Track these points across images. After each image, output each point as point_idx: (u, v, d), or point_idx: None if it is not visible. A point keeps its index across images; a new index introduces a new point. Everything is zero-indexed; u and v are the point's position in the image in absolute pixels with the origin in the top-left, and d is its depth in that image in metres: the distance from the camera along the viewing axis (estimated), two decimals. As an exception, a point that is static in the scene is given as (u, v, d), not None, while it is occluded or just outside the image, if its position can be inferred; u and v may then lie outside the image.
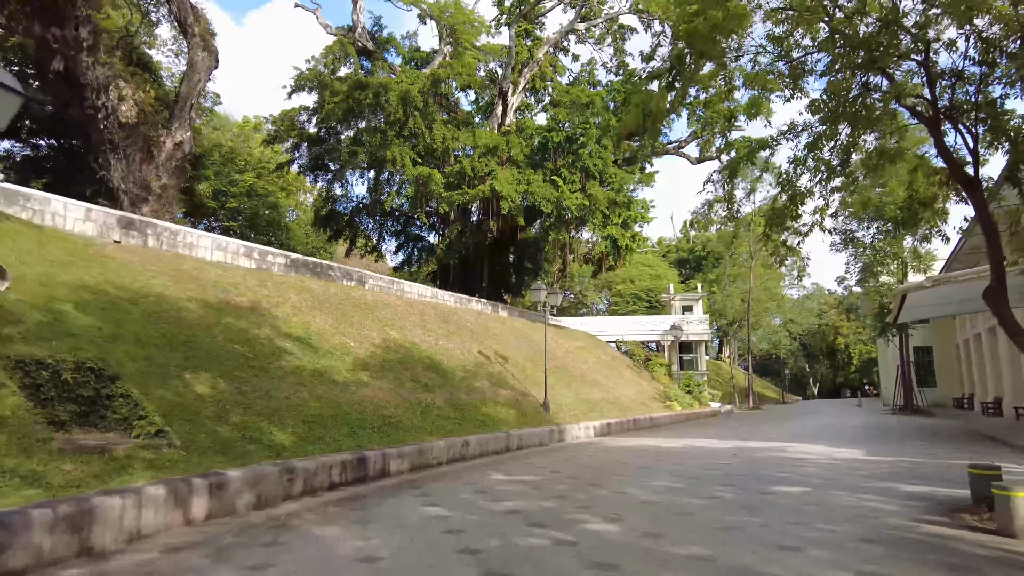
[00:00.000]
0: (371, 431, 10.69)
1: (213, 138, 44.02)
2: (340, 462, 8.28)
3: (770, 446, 13.37)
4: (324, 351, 13.37)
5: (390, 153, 24.67)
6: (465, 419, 13.52)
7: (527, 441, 13.58)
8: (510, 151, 25.71)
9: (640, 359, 34.17)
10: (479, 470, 9.86)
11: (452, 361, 17.19)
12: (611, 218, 25.38)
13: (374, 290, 20.24)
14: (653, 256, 67.16)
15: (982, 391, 30.28)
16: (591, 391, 22.04)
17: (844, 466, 9.51)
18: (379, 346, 15.43)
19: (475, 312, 24.12)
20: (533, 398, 17.60)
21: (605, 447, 13.86)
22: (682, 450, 12.65)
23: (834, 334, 79.35)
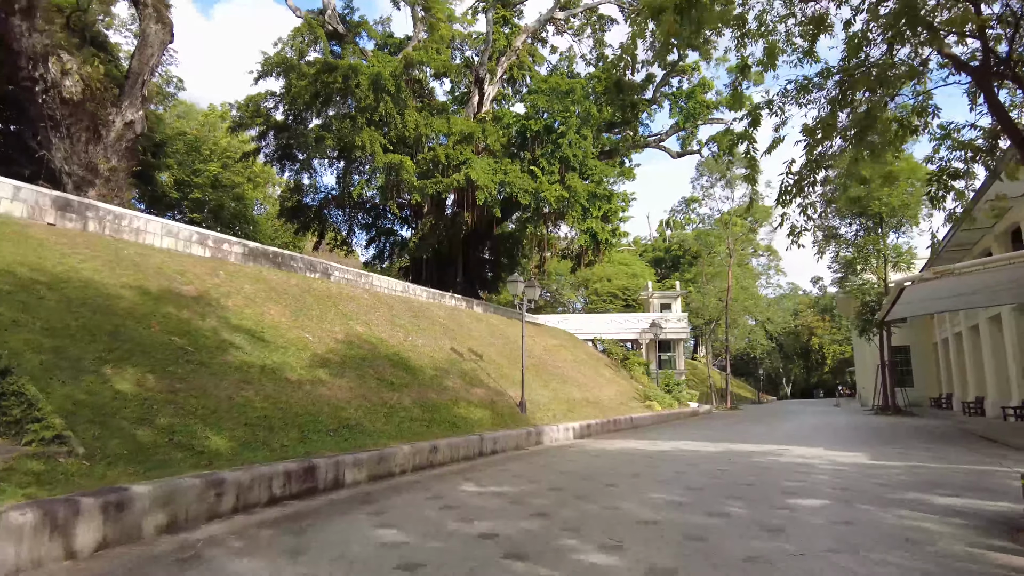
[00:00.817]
0: (326, 435, 9.45)
1: (177, 126, 42.10)
2: (283, 472, 7.05)
3: (764, 449, 12.41)
4: (277, 346, 12.08)
5: (359, 139, 23.33)
6: (435, 421, 12.33)
7: (502, 444, 12.44)
8: (486, 139, 24.53)
9: (618, 358, 33.26)
10: (448, 479, 8.69)
11: (422, 358, 15.98)
12: (591, 211, 24.35)
13: (340, 283, 18.94)
14: (630, 255, 66.51)
15: (961, 391, 29.96)
16: (570, 390, 20.98)
17: (855, 473, 8.54)
18: (341, 341, 14.16)
19: (449, 308, 22.92)
20: (509, 398, 16.47)
21: (587, 451, 12.78)
22: (672, 454, 11.62)
23: (808, 334, 79.63)
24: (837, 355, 78.11)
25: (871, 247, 27.08)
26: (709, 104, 27.03)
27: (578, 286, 57.89)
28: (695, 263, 58.12)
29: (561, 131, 24.03)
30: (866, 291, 29.25)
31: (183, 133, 39.98)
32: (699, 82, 27.25)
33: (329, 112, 27.77)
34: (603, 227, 24.86)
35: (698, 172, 42.73)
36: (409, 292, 22.14)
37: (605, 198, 24.79)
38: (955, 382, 30.75)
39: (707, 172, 42.49)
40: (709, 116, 27.55)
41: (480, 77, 28.00)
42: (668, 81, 28.03)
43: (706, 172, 42.59)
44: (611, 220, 25.58)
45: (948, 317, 30.53)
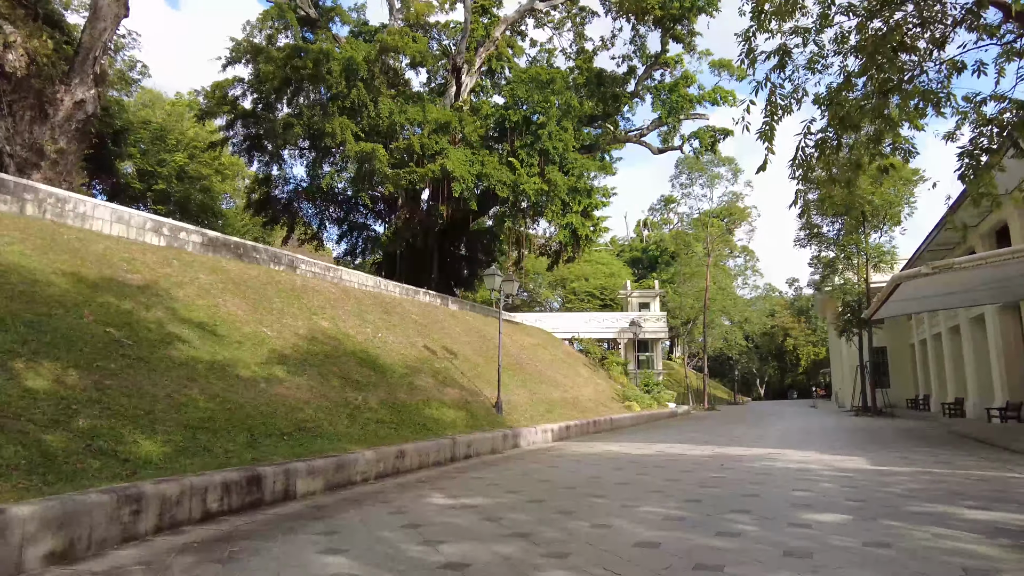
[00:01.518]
0: (279, 439, 8.45)
1: (143, 115, 40.43)
2: (220, 483, 6.06)
3: (756, 453, 11.68)
4: (231, 340, 11.03)
5: (330, 126, 22.24)
6: (403, 423, 11.38)
7: (477, 448, 11.53)
8: (463, 129, 23.58)
9: (596, 357, 32.56)
10: (415, 489, 7.76)
11: (392, 356, 15.00)
12: (571, 206, 23.55)
13: (306, 276, 17.87)
14: (607, 254, 66.06)
15: (939, 392, 29.77)
16: (548, 390, 20.14)
17: (864, 481, 7.80)
18: (304, 337, 13.13)
19: (422, 304, 21.94)
20: (485, 398, 15.56)
21: (568, 455, 11.93)
22: (658, 459, 10.81)
23: (783, 335, 79.96)
24: (811, 356, 78.59)
25: (853, 246, 26.70)
26: (692, 98, 26.41)
27: (555, 285, 57.21)
28: (673, 263, 57.78)
29: (541, 122, 23.19)
30: (847, 291, 28.91)
31: (147, 122, 38.33)
32: (682, 75, 26.64)
33: (299, 100, 26.60)
34: (583, 222, 24.07)
35: (678, 170, 42.25)
36: (381, 287, 21.12)
37: (585, 192, 24.01)
38: (933, 383, 30.56)
39: (687, 170, 42.01)
40: (692, 111, 26.94)
41: (458, 66, 27.05)
42: (651, 74, 27.39)
43: (686, 170, 42.11)
44: (591, 215, 24.80)
45: (927, 318, 30.34)
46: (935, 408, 29.99)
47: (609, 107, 26.91)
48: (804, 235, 29.23)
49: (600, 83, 26.40)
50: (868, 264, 27.20)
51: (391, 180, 22.07)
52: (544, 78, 24.11)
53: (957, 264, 11.95)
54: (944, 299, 17.69)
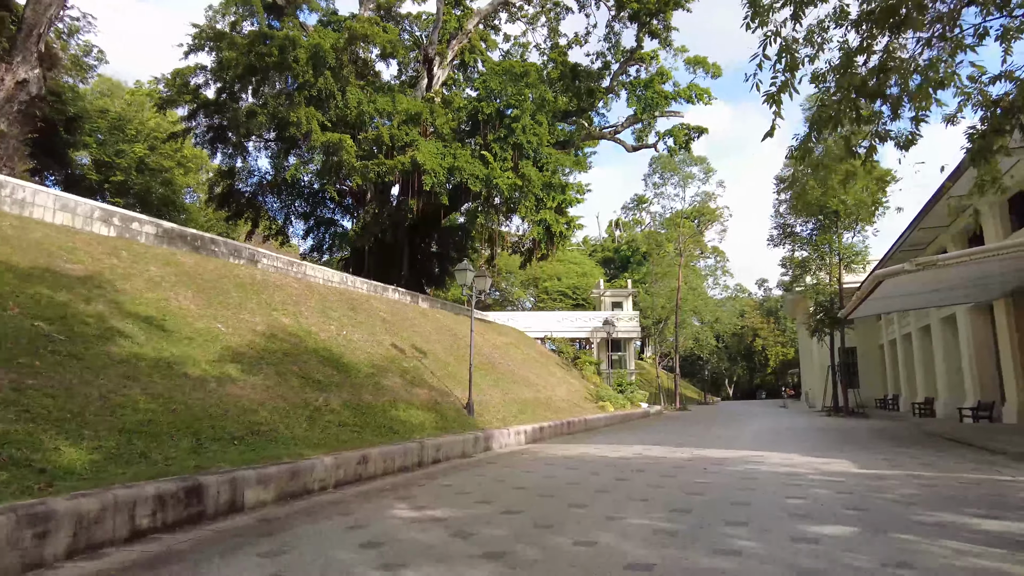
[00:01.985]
0: (228, 444, 7.71)
1: (100, 104, 38.74)
2: (153, 496, 5.32)
3: (738, 456, 11.23)
4: (181, 336, 10.20)
5: (295, 115, 21.32)
6: (368, 426, 10.67)
7: (447, 452, 10.87)
8: (434, 121, 22.86)
9: (569, 356, 32.13)
10: (378, 498, 7.09)
11: (357, 354, 14.26)
12: (545, 201, 22.99)
13: (268, 271, 17.01)
14: (580, 254, 65.82)
15: (910, 391, 29.99)
16: (521, 390, 19.56)
17: (856, 485, 7.37)
18: (262, 333, 12.33)
19: (391, 301, 21.18)
20: (455, 398, 14.90)
21: (543, 458, 11.35)
22: (637, 462, 10.29)
23: (752, 336, 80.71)
24: (780, 357, 79.43)
25: (826, 246, 26.66)
26: (667, 95, 26.08)
27: (528, 284, 56.71)
28: (645, 263, 57.73)
29: (515, 115, 22.58)
30: (820, 291, 28.91)
31: (105, 110, 36.69)
32: (657, 71, 26.30)
33: (264, 90, 25.56)
34: (557, 219, 23.53)
35: (651, 169, 42.07)
36: (347, 284, 20.31)
37: (559, 188, 23.47)
38: (902, 383, 30.78)
39: (660, 169, 41.85)
40: (667, 108, 26.61)
41: (429, 57, 26.31)
42: (626, 70, 27.00)
43: (659, 169, 41.95)
44: (565, 212, 24.28)
45: (897, 318, 30.55)
46: (904, 408, 30.21)
47: (584, 102, 26.44)
48: (777, 234, 29.18)
49: (575, 77, 25.94)
50: (841, 264, 27.19)
51: (359, 172, 21.24)
52: (518, 70, 23.52)
53: (941, 261, 11.69)
54: (921, 298, 17.58)
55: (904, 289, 15.05)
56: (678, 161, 40.84)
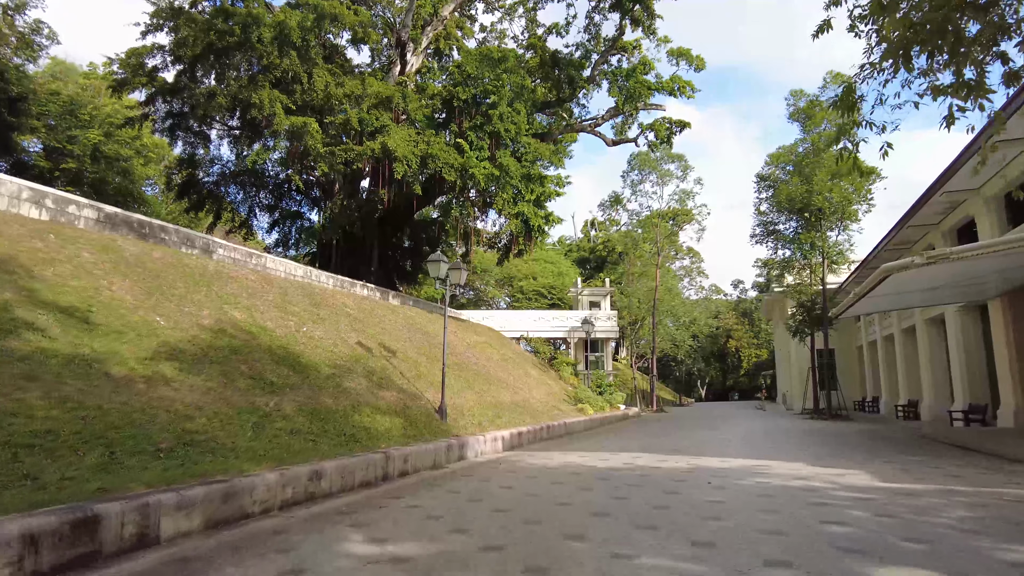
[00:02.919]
0: (150, 458, 6.40)
1: (53, 88, 36.53)
2: (19, 536, 4.02)
3: (739, 466, 10.20)
4: (108, 330, 8.82)
5: (256, 96, 19.85)
6: (326, 434, 9.39)
7: (416, 463, 9.65)
8: (407, 106, 21.56)
9: (546, 357, 31.04)
10: (329, 525, 5.86)
11: (318, 353, 12.94)
12: (524, 194, 21.87)
13: (223, 262, 15.57)
14: (555, 253, 64.87)
15: (891, 394, 29.53)
16: (497, 392, 18.38)
17: (892, 505, 6.38)
18: (208, 328, 10.96)
19: (359, 297, 19.83)
20: (426, 402, 13.67)
21: (523, 469, 10.19)
22: (630, 474, 9.19)
23: (726, 337, 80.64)
24: (753, 358, 79.48)
25: (810, 244, 25.99)
26: (650, 85, 25.14)
27: (503, 283, 55.54)
28: (621, 263, 56.97)
29: (492, 102, 21.41)
30: (802, 291, 28.26)
31: (56, 93, 34.53)
32: (640, 61, 25.34)
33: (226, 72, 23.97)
34: (535, 212, 22.41)
35: (630, 166, 41.19)
36: (311, 278, 18.92)
37: (539, 180, 22.36)
38: (883, 385, 30.31)
39: (638, 166, 41.01)
40: (650, 98, 25.69)
41: (402, 41, 24.97)
42: (607, 59, 26.01)
43: (637, 166, 41.11)
44: (543, 205, 23.17)
45: (878, 319, 30.09)
46: (884, 410, 29.75)
47: (564, 92, 25.37)
48: (760, 232, 28.46)
49: (555, 65, 24.86)
50: (825, 263, 26.55)
51: (325, 159, 19.86)
52: (496, 55, 22.36)
53: (954, 254, 10.81)
54: (915, 296, 16.84)
55: (901, 286, 14.24)
56: (657, 158, 40.08)
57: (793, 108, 27.51)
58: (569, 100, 25.84)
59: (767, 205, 29.17)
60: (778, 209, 27.36)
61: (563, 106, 26.23)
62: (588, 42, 27.10)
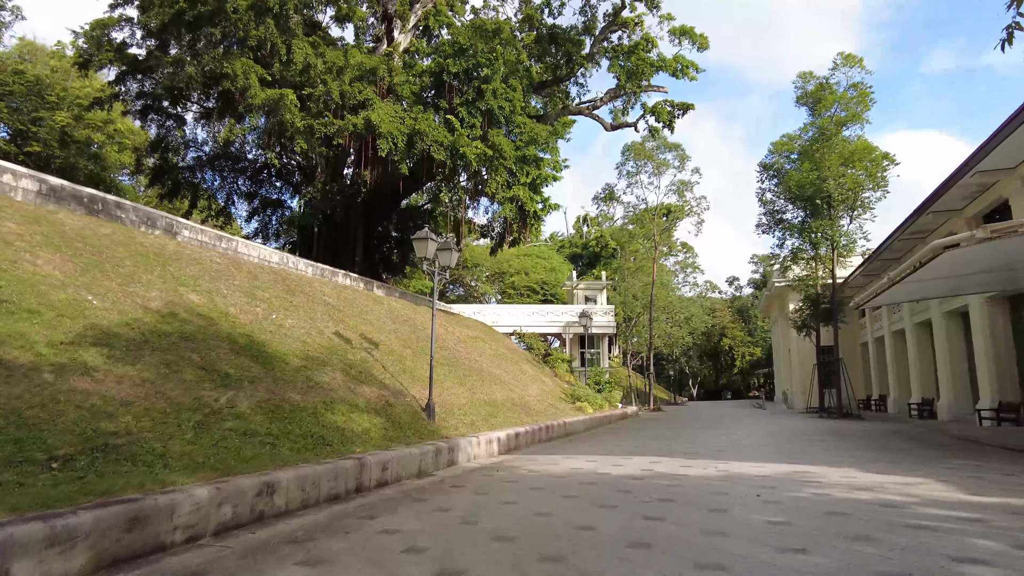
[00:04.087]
0: (36, 469, 4.80)
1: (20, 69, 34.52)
2: None
3: (780, 473, 8.71)
4: (18, 308, 7.20)
5: (229, 66, 18.17)
6: (288, 435, 7.81)
7: (397, 471, 8.08)
8: (392, 80, 19.94)
9: (539, 353, 29.52)
10: (272, 563, 4.29)
11: (288, 343, 11.34)
12: (518, 176, 20.31)
13: (189, 243, 13.95)
14: (548, 249, 63.38)
15: (900, 392, 28.25)
16: (491, 389, 16.82)
17: (1015, 529, 4.84)
18: (156, 311, 9.34)
19: (340, 286, 18.22)
20: (411, 399, 12.09)
21: (525, 478, 8.65)
22: (653, 485, 7.68)
23: (719, 335, 79.43)
24: (747, 357, 78.31)
25: (821, 232, 24.61)
26: (653, 63, 23.64)
27: (494, 279, 53.96)
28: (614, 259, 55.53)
29: (485, 75, 19.81)
30: (811, 282, 26.88)
31: (20, 72, 32.57)
32: (642, 38, 23.82)
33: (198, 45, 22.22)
34: (531, 196, 20.86)
35: (624, 156, 39.70)
36: (288, 265, 17.29)
37: (534, 162, 20.80)
38: (892, 383, 29.01)
39: (633, 157, 39.53)
40: (652, 76, 24.19)
41: (389, 15, 23.35)
42: (608, 36, 24.48)
43: (632, 157, 39.62)
44: (540, 190, 21.62)
45: (885, 314, 28.81)
46: (894, 409, 28.46)
47: (561, 70, 23.82)
48: (767, 220, 27.07)
49: (552, 40, 23.31)
50: (835, 253, 25.17)
51: (303, 134, 18.21)
52: (490, 28, 20.76)
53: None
54: (955, 282, 15.39)
55: (942, 270, 12.78)
56: (652, 148, 38.68)
57: (801, 92, 26.15)
58: (567, 79, 24.31)
59: (771, 194, 27.85)
60: (786, 197, 25.97)
61: (560, 86, 24.71)
62: (585, 9, 25.36)
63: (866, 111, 24.97)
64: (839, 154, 23.76)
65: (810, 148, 25.44)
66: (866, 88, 24.63)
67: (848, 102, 24.79)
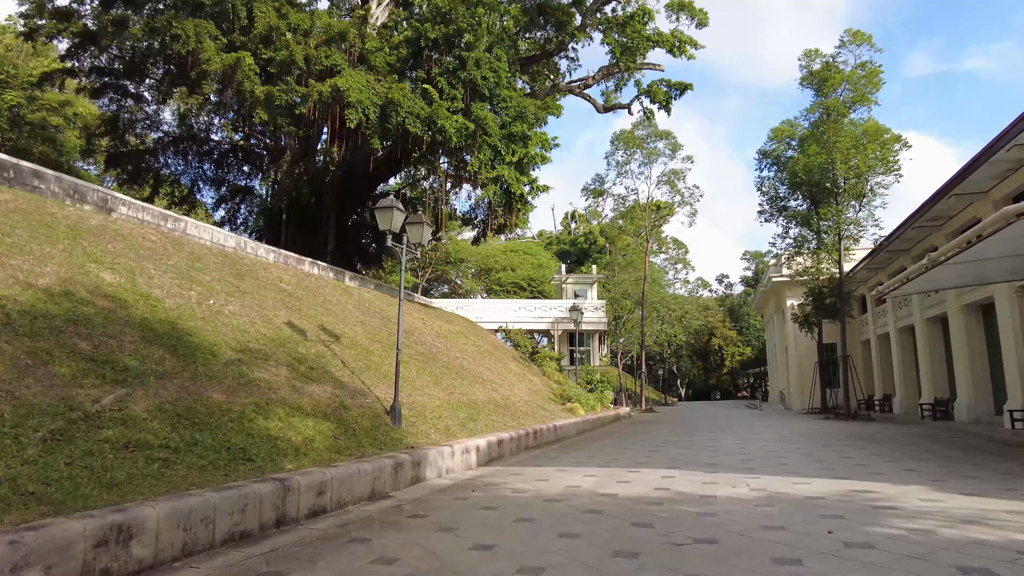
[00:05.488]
0: None
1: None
2: None
3: (832, 493, 6.89)
4: None
5: (179, 27, 16.13)
6: (191, 448, 5.86)
7: (340, 494, 6.16)
8: (364, 46, 17.99)
9: (526, 350, 27.65)
10: None
11: (224, 332, 9.38)
12: (504, 154, 18.43)
13: (127, 220, 11.94)
14: (535, 245, 61.54)
15: (907, 392, 26.71)
16: (472, 389, 14.92)
17: None
18: (43, 289, 7.37)
19: (304, 274, 16.24)
20: (374, 400, 10.17)
21: (510, 502, 6.77)
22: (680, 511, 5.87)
23: (709, 335, 77.96)
24: (737, 357, 76.86)
25: (830, 220, 22.93)
26: (650, 37, 21.86)
27: (480, 275, 52.02)
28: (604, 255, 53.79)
29: (468, 42, 17.92)
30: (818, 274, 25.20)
31: (-35, 47, 30.23)
32: (639, 9, 22.02)
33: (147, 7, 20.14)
34: (518, 177, 18.99)
35: (613, 145, 37.88)
36: (246, 250, 15.24)
37: (521, 139, 18.93)
38: (898, 383, 27.46)
39: (623, 146, 37.73)
40: (648, 54, 22.41)
41: (364, -20, 21.38)
42: (601, 7, 22.64)
43: (621, 147, 37.82)
44: (527, 171, 19.75)
45: (891, 309, 27.26)
46: (900, 410, 26.91)
47: (551, 42, 21.96)
48: (769, 208, 25.37)
49: (541, 12, 21.43)
50: (842, 244, 23.52)
51: (263, 104, 16.21)
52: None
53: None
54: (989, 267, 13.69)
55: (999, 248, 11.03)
56: (643, 136, 36.94)
57: (806, 72, 24.49)
58: (556, 53, 22.45)
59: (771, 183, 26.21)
60: (790, 183, 24.30)
61: (549, 61, 22.85)
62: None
63: (875, 92, 23.37)
64: (848, 135, 22.11)
65: (815, 131, 23.83)
66: (876, 67, 23.02)
67: (857, 82, 23.18)
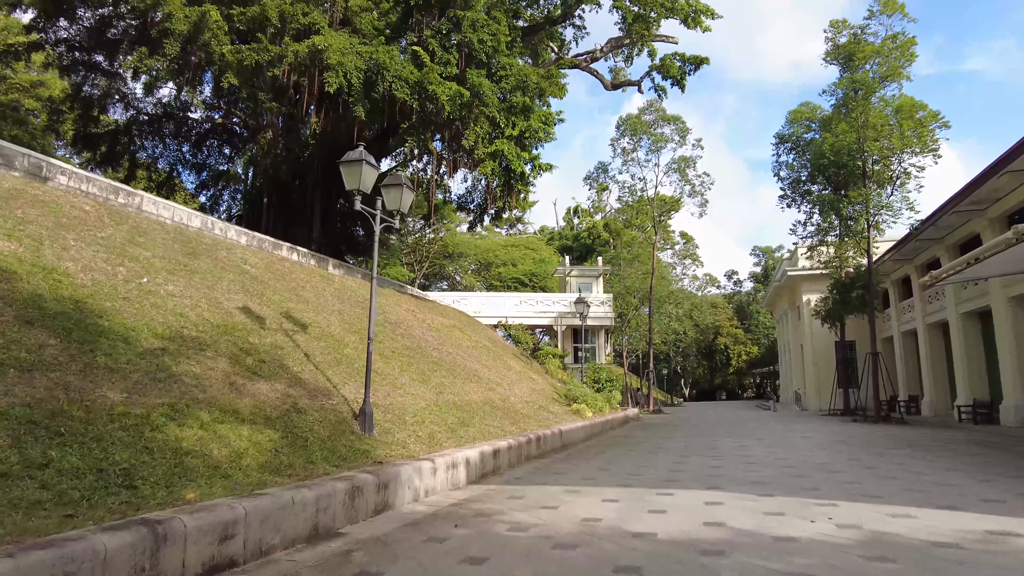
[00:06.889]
0: None
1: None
2: None
3: (965, 533, 5.00)
4: None
5: (135, -22, 14.28)
6: (38, 473, 3.96)
7: (261, 535, 4.29)
8: (348, 4, 16.13)
9: (528, 347, 25.82)
10: None
11: (152, 315, 7.50)
12: (502, 126, 16.57)
13: (65, 191, 10.04)
14: (537, 240, 59.66)
15: (938, 393, 24.85)
16: (465, 388, 13.04)
17: None
18: None
19: (277, 258, 14.35)
20: (340, 401, 8.29)
21: (503, 545, 4.94)
22: (759, 569, 3.89)
23: (714, 333, 76.00)
24: (744, 356, 74.88)
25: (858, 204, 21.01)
26: (664, 4, 19.94)
27: (480, 270, 50.12)
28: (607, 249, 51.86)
29: (463, 2, 16.05)
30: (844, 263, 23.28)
31: (-70, 24, 28.41)
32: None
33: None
34: (518, 153, 17.10)
35: (619, 131, 35.90)
36: (214, 231, 13.34)
37: (522, 111, 17.05)
38: (927, 383, 25.59)
39: (628, 131, 35.73)
40: (662, 22, 20.52)
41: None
42: (610, -30, 20.73)
43: (627, 131, 35.81)
44: (528, 146, 17.87)
45: (920, 304, 25.37)
46: (929, 411, 25.03)
47: (555, 8, 20.07)
48: (791, 192, 23.44)
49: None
50: (870, 229, 21.58)
51: (232, 67, 14.34)
52: (469, -53, 16.94)
53: None
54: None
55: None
56: (649, 121, 34.98)
57: (832, 45, 22.60)
58: (562, 20, 20.55)
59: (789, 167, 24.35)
60: (813, 165, 22.41)
61: (553, 30, 20.95)
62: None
63: (908, 65, 21.47)
64: (879, 113, 20.25)
65: (839, 112, 21.97)
66: (910, 37, 21.11)
67: (888, 55, 21.28)
